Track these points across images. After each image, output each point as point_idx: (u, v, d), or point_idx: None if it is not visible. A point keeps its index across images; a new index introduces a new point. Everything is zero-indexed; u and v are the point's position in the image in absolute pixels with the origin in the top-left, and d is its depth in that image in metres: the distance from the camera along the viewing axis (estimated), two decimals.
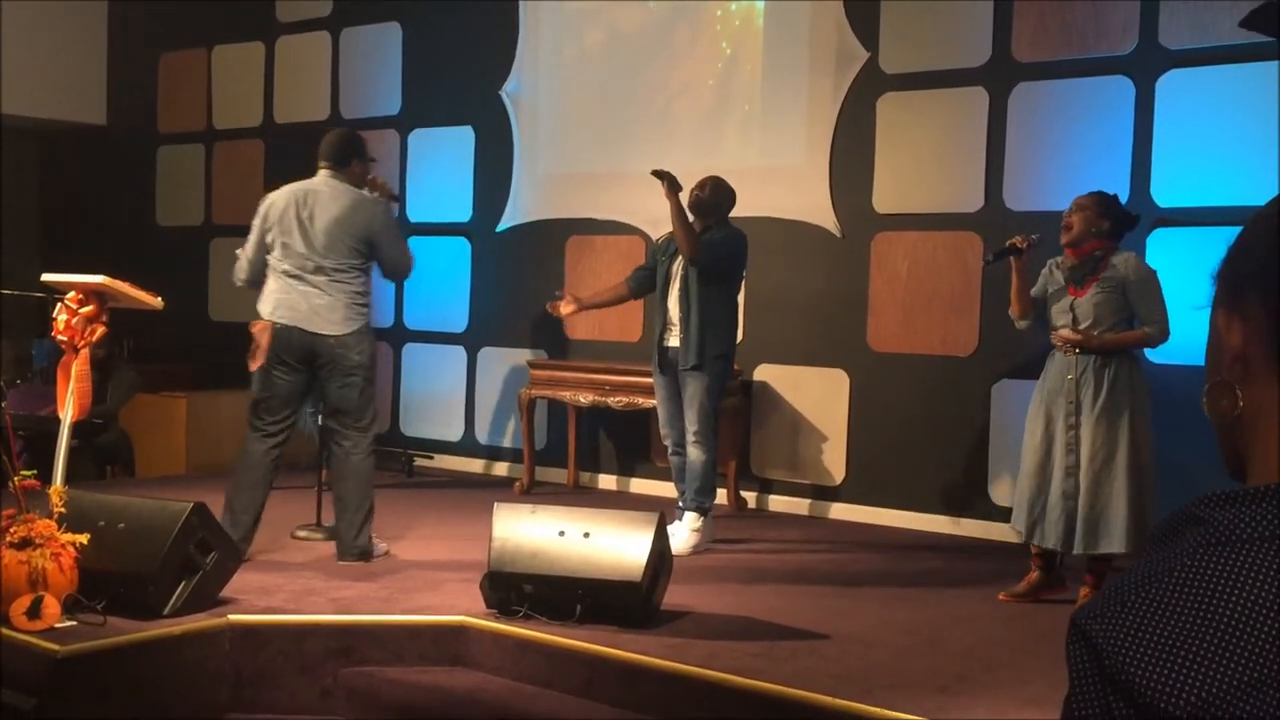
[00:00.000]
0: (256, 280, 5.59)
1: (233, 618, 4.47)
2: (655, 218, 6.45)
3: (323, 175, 5.62)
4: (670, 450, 6.27)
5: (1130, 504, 4.80)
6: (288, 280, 5.44)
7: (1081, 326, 4.99)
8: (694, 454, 6.03)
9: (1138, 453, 4.88)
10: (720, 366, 6.10)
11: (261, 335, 5.42)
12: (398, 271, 5.76)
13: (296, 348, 5.40)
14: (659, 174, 5.94)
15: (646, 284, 6.43)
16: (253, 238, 5.59)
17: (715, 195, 6.12)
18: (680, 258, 6.08)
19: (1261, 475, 0.95)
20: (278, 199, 5.59)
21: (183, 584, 4.43)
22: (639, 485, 7.76)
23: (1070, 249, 5.08)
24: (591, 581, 4.50)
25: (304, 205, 5.52)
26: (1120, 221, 5.06)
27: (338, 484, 5.55)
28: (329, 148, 5.67)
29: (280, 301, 5.44)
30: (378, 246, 5.55)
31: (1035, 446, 5.05)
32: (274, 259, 5.49)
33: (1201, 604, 0.85)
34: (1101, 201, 5.05)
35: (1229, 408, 0.99)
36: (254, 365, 5.44)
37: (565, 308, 6.60)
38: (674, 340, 6.12)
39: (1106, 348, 4.95)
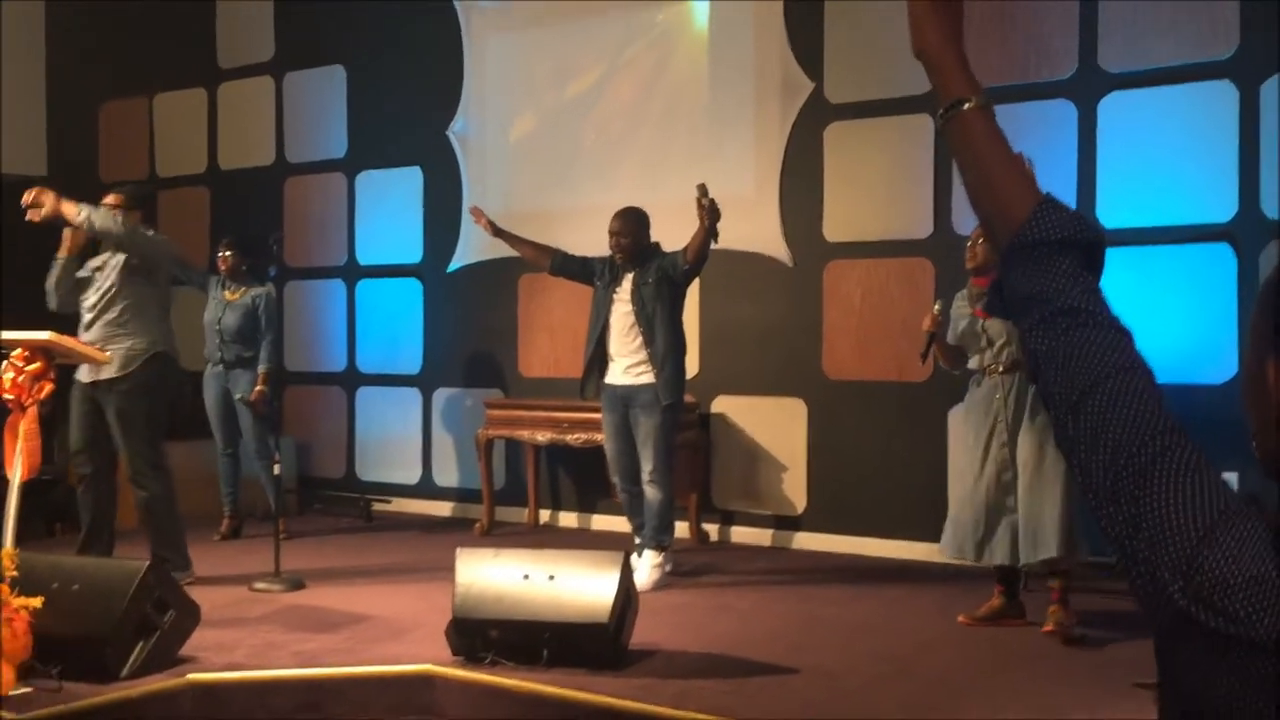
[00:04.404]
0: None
1: (193, 677, 4.38)
2: (604, 254, 6.43)
3: None
4: (620, 488, 6.22)
5: (1062, 511, 4.85)
6: None
7: (996, 345, 5.04)
8: (651, 493, 5.99)
9: (1064, 460, 4.92)
10: (681, 402, 6.11)
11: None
12: None
13: None
14: (708, 205, 5.76)
15: (568, 268, 6.37)
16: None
17: (640, 233, 6.07)
18: (623, 286, 6.05)
19: None
20: None
21: (140, 644, 4.34)
22: (600, 522, 7.72)
23: (975, 278, 5.14)
24: (558, 625, 4.45)
25: None
26: None
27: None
28: None
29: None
30: None
31: (974, 471, 5.10)
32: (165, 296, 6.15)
33: None
34: None
35: None
36: None
37: (482, 219, 6.53)
38: (617, 376, 6.08)
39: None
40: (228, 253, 7.43)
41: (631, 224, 6.05)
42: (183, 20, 9.51)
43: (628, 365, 6.04)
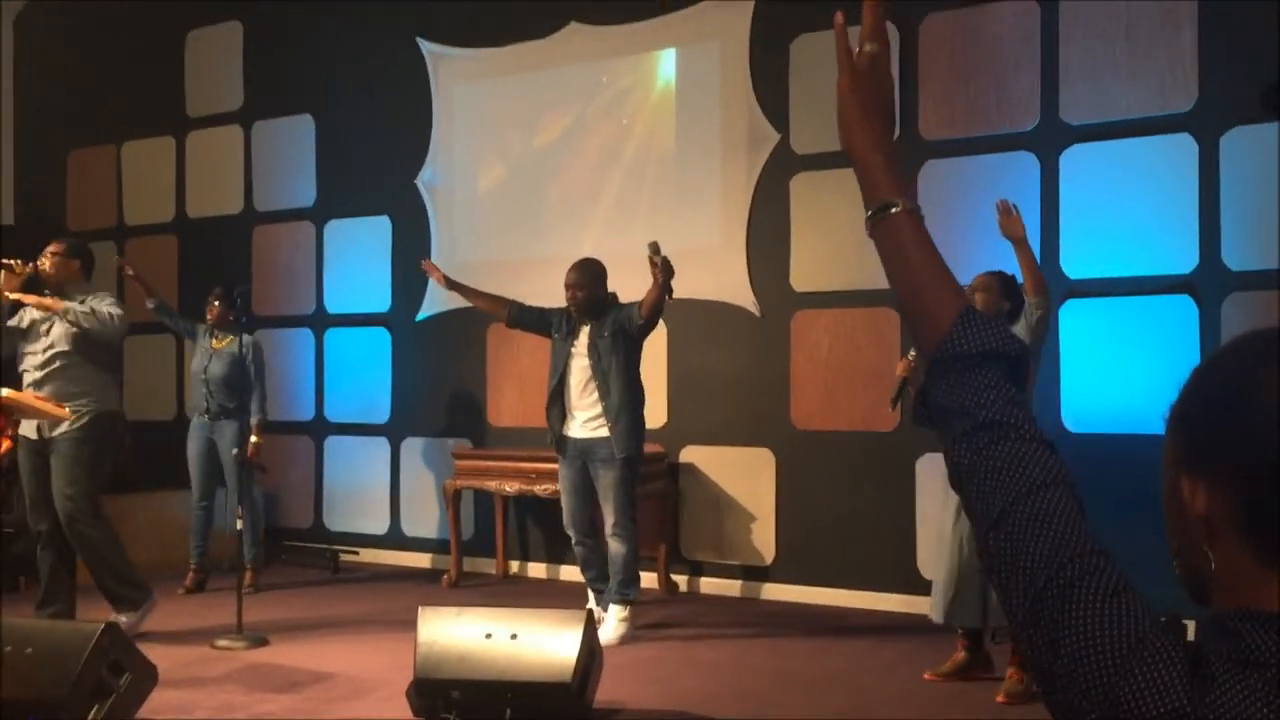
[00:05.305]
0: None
1: None
2: (564, 304, 6.43)
3: None
4: (574, 541, 6.19)
5: None
6: None
7: None
8: (615, 546, 5.96)
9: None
10: (639, 455, 6.08)
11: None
12: None
13: None
14: (660, 262, 5.69)
15: (524, 320, 6.34)
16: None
17: (596, 285, 6.05)
18: (580, 339, 6.05)
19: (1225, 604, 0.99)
20: None
21: (95, 708, 4.25)
22: (569, 572, 7.65)
23: None
24: (521, 684, 4.41)
25: None
26: (1019, 304, 5.08)
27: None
28: None
29: None
30: None
31: (946, 530, 5.05)
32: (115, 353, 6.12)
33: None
34: (1004, 282, 5.08)
35: (1204, 568, 1.01)
36: None
37: (435, 272, 6.65)
38: (576, 429, 6.06)
39: None
40: (216, 302, 7.41)
41: (588, 276, 6.05)
42: (151, 68, 9.52)
43: (585, 419, 6.03)
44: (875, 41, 1.30)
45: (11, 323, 5.89)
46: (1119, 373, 6.01)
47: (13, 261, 5.84)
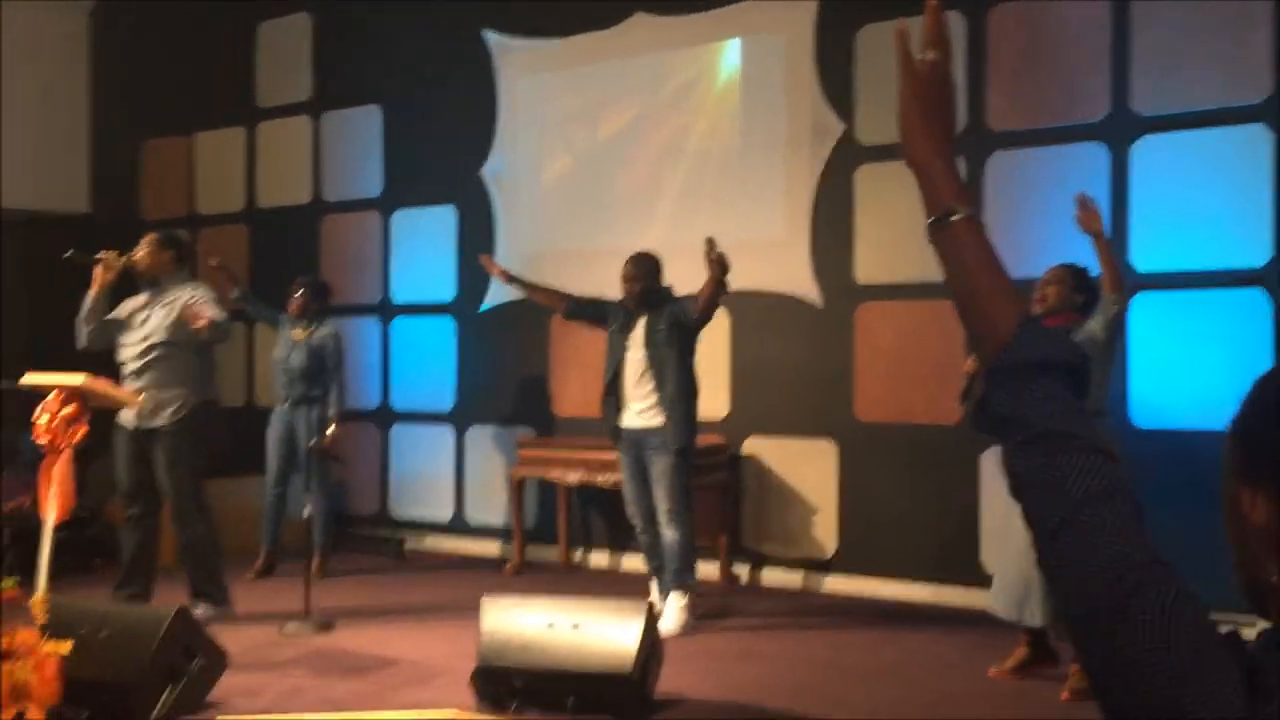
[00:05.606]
0: None
1: None
2: (617, 295, 6.46)
3: None
4: (638, 530, 6.24)
5: None
6: None
7: None
8: (670, 534, 6.00)
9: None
10: (692, 446, 6.11)
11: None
12: None
13: None
14: (717, 258, 5.79)
15: (581, 313, 6.47)
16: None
17: (652, 278, 6.14)
18: (637, 331, 6.10)
19: None
20: None
21: (168, 691, 4.37)
22: (630, 562, 7.70)
23: (1046, 320, 5.06)
24: (582, 674, 4.45)
25: None
26: (1093, 297, 5.02)
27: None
28: None
29: None
30: None
31: (1014, 526, 4.99)
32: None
33: None
34: (1076, 274, 5.03)
35: (1265, 579, 1.02)
36: None
37: (494, 268, 6.86)
38: (630, 419, 6.12)
39: None
40: (299, 293, 7.54)
41: (644, 269, 6.13)
42: (223, 60, 9.66)
43: (641, 409, 6.10)
44: (936, 48, 1.30)
45: (113, 315, 6.02)
46: (1189, 368, 5.92)
47: (107, 254, 5.94)
